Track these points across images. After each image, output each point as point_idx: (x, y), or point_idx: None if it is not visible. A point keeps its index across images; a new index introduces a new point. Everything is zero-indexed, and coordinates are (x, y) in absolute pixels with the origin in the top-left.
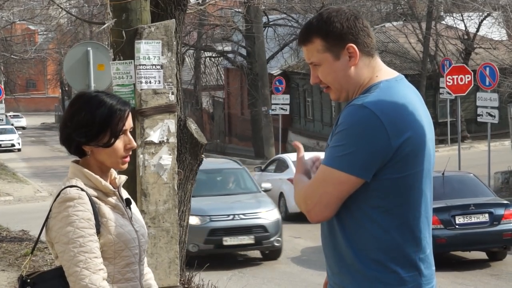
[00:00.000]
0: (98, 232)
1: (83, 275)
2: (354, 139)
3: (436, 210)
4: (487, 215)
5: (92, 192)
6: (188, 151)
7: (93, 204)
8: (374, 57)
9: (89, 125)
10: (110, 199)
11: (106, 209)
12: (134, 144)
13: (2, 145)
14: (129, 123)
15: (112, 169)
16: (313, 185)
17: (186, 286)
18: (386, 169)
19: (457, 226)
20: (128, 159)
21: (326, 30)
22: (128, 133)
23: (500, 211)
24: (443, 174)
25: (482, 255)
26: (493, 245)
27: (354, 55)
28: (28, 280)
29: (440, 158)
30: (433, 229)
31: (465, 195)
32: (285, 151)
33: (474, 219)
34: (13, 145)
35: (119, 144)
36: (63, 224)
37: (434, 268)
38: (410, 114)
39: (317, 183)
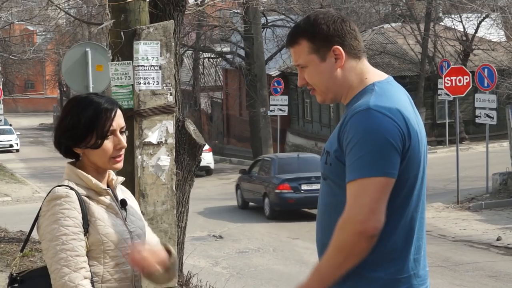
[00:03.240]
0: (87, 231)
1: (63, 272)
2: (375, 143)
3: (288, 180)
4: None
5: (83, 191)
6: (186, 152)
7: (82, 203)
8: (361, 60)
9: (75, 127)
10: (103, 198)
11: (96, 208)
12: (124, 144)
13: (1, 146)
14: (117, 123)
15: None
16: (356, 200)
17: (184, 287)
18: None
19: (302, 191)
20: (120, 159)
21: (313, 32)
22: (118, 133)
23: None
24: (298, 155)
25: (481, 257)
26: None
27: (340, 57)
28: (18, 278)
29: (439, 160)
30: (285, 193)
31: (311, 170)
32: (283, 152)
33: (314, 186)
34: (11, 145)
35: (108, 144)
36: (49, 222)
37: (428, 269)
38: (410, 116)
39: (360, 197)
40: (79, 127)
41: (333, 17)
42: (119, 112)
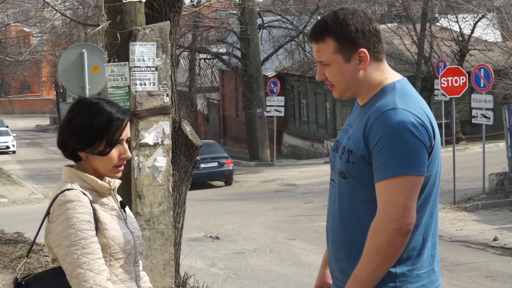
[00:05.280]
0: (96, 235)
1: (87, 276)
2: (406, 142)
3: None
4: (216, 162)
5: (88, 194)
6: (183, 153)
7: (92, 206)
8: (382, 61)
9: (86, 131)
10: (105, 200)
11: (101, 212)
12: (129, 154)
13: None
14: (126, 133)
15: None
16: (391, 198)
17: None
18: None
19: (201, 168)
20: (121, 168)
21: (341, 33)
22: (124, 143)
23: (223, 160)
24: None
25: (478, 258)
26: (221, 178)
27: (365, 59)
28: (23, 283)
29: None
30: None
31: (209, 153)
32: (280, 153)
33: (210, 164)
34: (7, 147)
35: (114, 153)
36: (64, 227)
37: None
38: (431, 115)
39: (394, 195)
40: (90, 132)
41: (361, 18)
42: (128, 123)
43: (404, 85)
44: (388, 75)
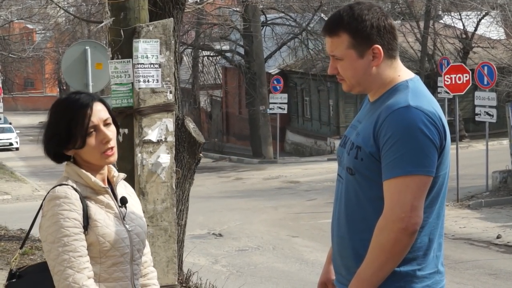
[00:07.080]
0: (86, 231)
1: (67, 274)
2: (417, 141)
3: None
4: None
5: (82, 190)
6: (186, 150)
7: (83, 202)
8: (396, 59)
9: (56, 133)
10: (101, 197)
11: (94, 209)
12: (109, 137)
13: (0, 144)
14: (98, 117)
15: (110, 166)
16: (399, 197)
17: (184, 285)
18: None
19: None
20: (111, 152)
21: (355, 28)
22: (102, 127)
23: None
24: None
25: (481, 255)
26: None
27: (378, 56)
28: (17, 273)
29: None
30: None
31: None
32: (283, 150)
33: None
34: (11, 144)
35: (92, 141)
36: (50, 223)
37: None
38: (443, 115)
39: (401, 194)
40: (60, 132)
41: (377, 14)
42: (98, 106)
43: (416, 83)
44: (401, 73)
